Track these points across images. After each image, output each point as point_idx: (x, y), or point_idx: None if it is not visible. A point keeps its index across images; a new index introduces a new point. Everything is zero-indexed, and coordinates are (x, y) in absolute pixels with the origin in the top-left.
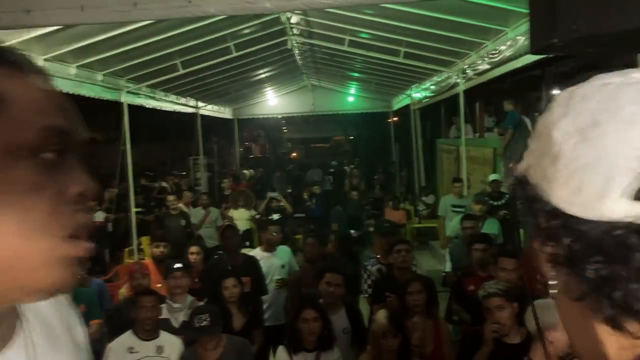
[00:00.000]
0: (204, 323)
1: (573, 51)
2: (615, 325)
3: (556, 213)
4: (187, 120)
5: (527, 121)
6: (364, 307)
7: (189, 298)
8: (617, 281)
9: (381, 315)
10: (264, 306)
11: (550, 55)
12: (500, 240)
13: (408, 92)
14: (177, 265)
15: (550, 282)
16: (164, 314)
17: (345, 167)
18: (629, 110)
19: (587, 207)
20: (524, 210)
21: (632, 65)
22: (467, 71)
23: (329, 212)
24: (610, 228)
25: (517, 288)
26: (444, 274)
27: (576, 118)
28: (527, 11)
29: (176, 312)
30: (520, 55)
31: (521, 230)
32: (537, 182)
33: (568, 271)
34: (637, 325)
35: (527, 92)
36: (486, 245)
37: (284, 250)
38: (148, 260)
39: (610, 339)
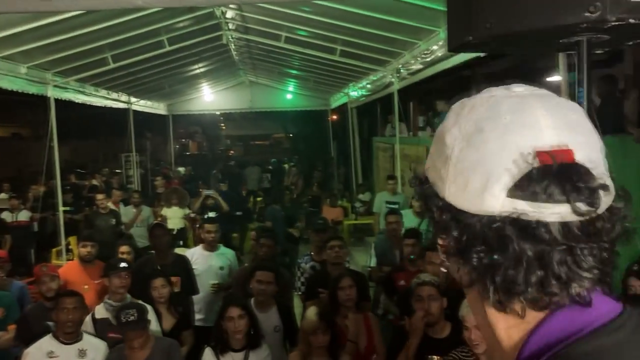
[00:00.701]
0: (131, 318)
1: (488, 49)
2: (501, 307)
3: (448, 208)
4: (119, 116)
5: None
6: (298, 305)
7: (129, 297)
8: (497, 268)
9: (311, 312)
10: (198, 306)
11: (481, 55)
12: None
13: (345, 90)
14: (123, 264)
15: (444, 271)
16: (103, 314)
17: (285, 165)
18: (507, 119)
19: (472, 202)
20: (423, 207)
21: (555, 65)
22: (401, 70)
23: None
24: (490, 221)
25: (445, 283)
26: (369, 268)
27: (464, 125)
28: None
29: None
30: (452, 56)
31: None
32: (433, 181)
33: (458, 260)
34: (521, 304)
35: (458, 92)
36: (415, 240)
37: (226, 251)
38: (75, 261)
39: (499, 320)
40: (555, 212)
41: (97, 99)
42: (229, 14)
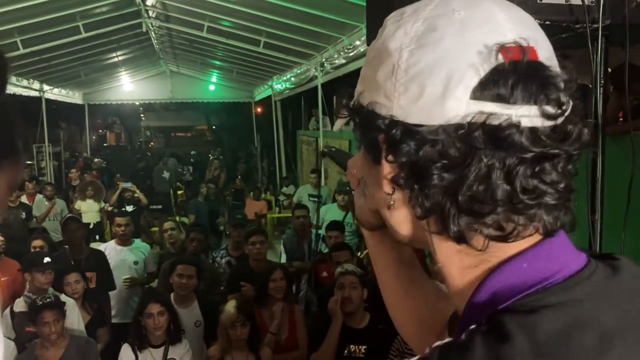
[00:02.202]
0: (47, 300)
1: None
2: (461, 238)
3: (396, 124)
4: (30, 104)
5: None
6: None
7: (51, 291)
8: (461, 185)
9: (230, 305)
10: (112, 302)
11: None
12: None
13: (270, 83)
14: (47, 259)
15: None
16: (22, 307)
17: (210, 157)
18: (462, 14)
19: (430, 112)
20: (361, 137)
21: None
22: (325, 64)
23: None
24: (453, 129)
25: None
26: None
27: (411, 27)
28: None
29: None
30: None
31: None
32: (372, 102)
33: (411, 186)
34: (483, 239)
35: None
36: (339, 232)
37: (141, 246)
38: None
39: (453, 259)
40: (524, 115)
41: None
42: (149, 1)
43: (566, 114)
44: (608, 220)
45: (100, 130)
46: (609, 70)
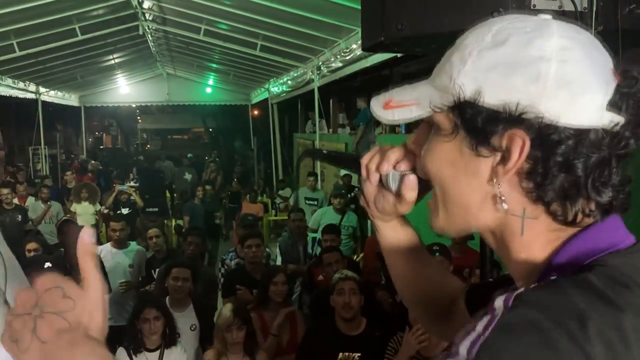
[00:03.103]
0: None
1: (402, 50)
2: (574, 220)
3: (548, 124)
4: (26, 106)
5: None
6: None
7: None
8: (590, 175)
9: (226, 308)
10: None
11: (399, 56)
12: (358, 232)
13: (266, 86)
14: (48, 264)
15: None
16: None
17: (207, 159)
18: (584, 38)
19: (578, 116)
20: (476, 131)
21: None
22: (321, 68)
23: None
24: (598, 131)
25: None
26: None
27: (546, 42)
28: None
29: None
30: (371, 55)
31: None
32: (508, 101)
33: (547, 177)
34: (580, 216)
35: (377, 91)
36: (334, 235)
37: (136, 249)
38: None
39: (541, 237)
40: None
41: (2, 88)
42: (146, 4)
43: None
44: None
45: (97, 133)
46: None
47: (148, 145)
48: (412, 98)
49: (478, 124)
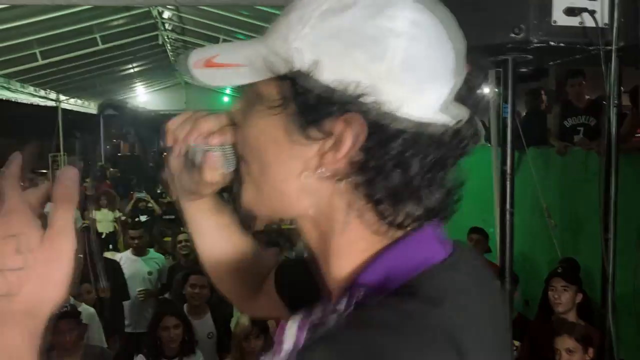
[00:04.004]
0: (64, 309)
1: None
2: (399, 224)
3: (384, 112)
4: (46, 114)
5: None
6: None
7: (72, 300)
8: (422, 174)
9: (244, 317)
10: (126, 312)
11: None
12: None
13: None
14: None
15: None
16: None
17: None
18: (438, 18)
19: (421, 107)
20: (306, 110)
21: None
22: None
23: None
24: (436, 126)
25: None
26: None
27: (398, 17)
28: None
29: None
30: None
31: None
32: (347, 79)
33: (379, 171)
34: (413, 223)
35: None
36: None
37: (156, 256)
38: None
39: (359, 242)
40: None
41: (24, 95)
42: (166, 14)
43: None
44: (622, 239)
45: (114, 140)
46: (622, 89)
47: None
48: (241, 58)
49: (310, 101)
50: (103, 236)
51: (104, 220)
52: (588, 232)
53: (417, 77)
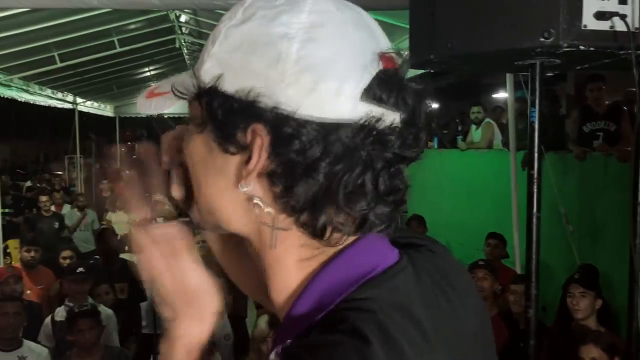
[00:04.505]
0: (84, 308)
1: (449, 68)
2: (322, 233)
3: (285, 115)
4: (62, 116)
5: None
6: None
7: (90, 300)
8: (341, 180)
9: (262, 320)
10: (142, 313)
11: (430, 71)
12: None
13: None
14: (81, 269)
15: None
16: (63, 316)
17: None
18: (347, 15)
19: (321, 107)
20: (216, 124)
21: (499, 82)
22: None
23: None
24: (346, 127)
25: None
26: None
27: (295, 18)
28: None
29: None
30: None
31: None
32: (245, 87)
33: (290, 180)
34: (334, 233)
35: None
36: None
37: None
38: (17, 265)
39: (292, 254)
40: (395, 120)
41: (42, 98)
42: (183, 17)
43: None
44: None
45: (129, 143)
46: None
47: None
48: (169, 85)
49: (219, 115)
50: (118, 237)
51: (120, 222)
52: (607, 238)
53: (312, 77)
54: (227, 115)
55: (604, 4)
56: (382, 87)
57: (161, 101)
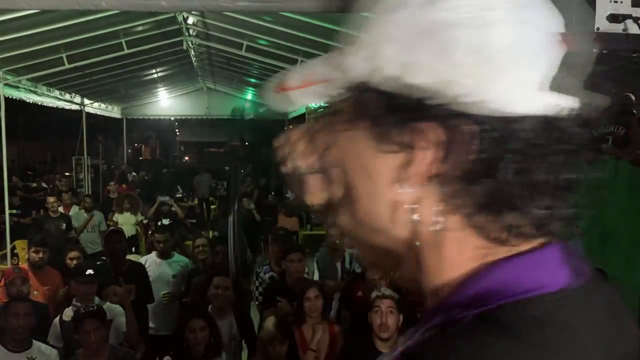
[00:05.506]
0: (90, 309)
1: None
2: (508, 234)
3: (459, 114)
4: (69, 117)
5: None
6: (255, 314)
7: (97, 300)
8: (531, 178)
9: (269, 322)
10: (150, 314)
11: None
12: None
13: None
14: (90, 271)
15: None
16: (69, 317)
17: (244, 173)
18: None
19: (499, 100)
20: (391, 123)
21: None
22: None
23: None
24: (539, 121)
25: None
26: None
27: (460, 1)
28: None
29: None
30: None
31: None
32: (432, 80)
33: (477, 180)
34: (512, 237)
35: None
36: None
37: (180, 259)
38: (24, 266)
39: (462, 257)
40: (576, 110)
41: (50, 99)
42: (191, 19)
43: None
44: None
45: (136, 144)
46: None
47: (186, 157)
48: (315, 76)
49: (378, 112)
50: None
51: (126, 223)
52: (617, 242)
53: (492, 68)
54: (389, 112)
55: (618, 6)
56: (564, 73)
57: (303, 95)
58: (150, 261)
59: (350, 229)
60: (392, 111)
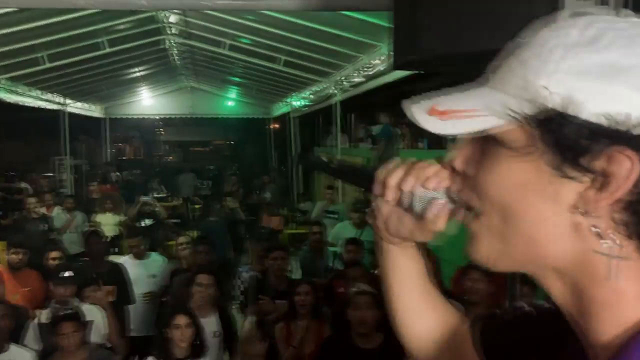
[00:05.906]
0: (67, 312)
1: (434, 68)
2: None
3: None
4: (52, 117)
5: (398, 132)
6: (236, 313)
7: (77, 301)
8: None
9: (249, 321)
10: (130, 315)
11: (419, 72)
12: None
13: (288, 99)
14: (69, 273)
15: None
16: (47, 319)
17: (228, 172)
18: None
19: None
20: (574, 151)
21: None
22: (343, 83)
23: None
24: None
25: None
26: None
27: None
28: None
29: None
30: (392, 70)
31: None
32: (611, 111)
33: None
34: None
35: (399, 106)
36: (356, 247)
37: (157, 258)
38: (1, 268)
39: (632, 286)
40: None
41: (30, 99)
42: (172, 18)
43: None
44: None
45: (119, 144)
46: None
47: (170, 157)
48: (474, 106)
49: (568, 138)
50: (108, 239)
51: (108, 223)
52: None
53: None
54: (581, 138)
55: (586, 3)
56: None
57: (468, 122)
58: (127, 263)
59: (494, 258)
60: (584, 139)
